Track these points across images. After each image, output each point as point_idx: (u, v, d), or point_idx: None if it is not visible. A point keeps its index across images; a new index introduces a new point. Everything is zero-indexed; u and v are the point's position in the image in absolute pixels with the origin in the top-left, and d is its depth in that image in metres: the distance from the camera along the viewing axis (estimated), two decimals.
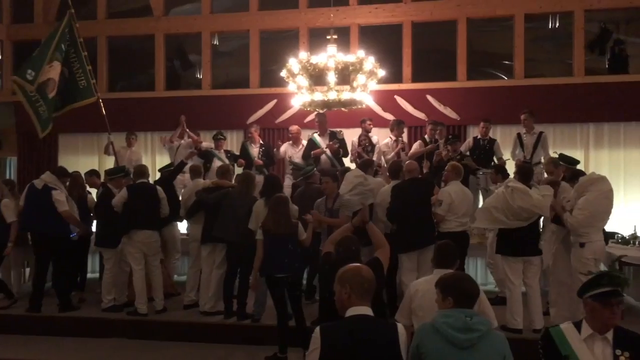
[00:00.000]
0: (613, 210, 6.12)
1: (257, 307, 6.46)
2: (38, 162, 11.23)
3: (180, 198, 7.70)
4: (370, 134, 9.03)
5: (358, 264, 3.13)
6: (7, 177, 11.72)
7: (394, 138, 8.98)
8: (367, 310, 2.81)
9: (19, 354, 6.17)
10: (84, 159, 11.04)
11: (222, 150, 9.26)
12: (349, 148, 9.04)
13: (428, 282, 3.59)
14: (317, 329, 2.83)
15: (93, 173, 8.20)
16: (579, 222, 5.87)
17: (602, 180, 6.05)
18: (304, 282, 6.80)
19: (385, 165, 8.75)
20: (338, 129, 9.07)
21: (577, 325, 3.00)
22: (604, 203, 5.94)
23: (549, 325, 3.20)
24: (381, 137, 9.17)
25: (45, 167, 10.87)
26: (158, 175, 9.97)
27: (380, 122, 9.59)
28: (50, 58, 7.82)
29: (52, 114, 8.02)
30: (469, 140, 9.10)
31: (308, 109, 8.63)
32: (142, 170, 7.20)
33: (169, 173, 7.76)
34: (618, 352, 2.87)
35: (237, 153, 9.46)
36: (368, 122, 9.03)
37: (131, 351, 6.25)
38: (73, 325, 6.80)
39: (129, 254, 6.89)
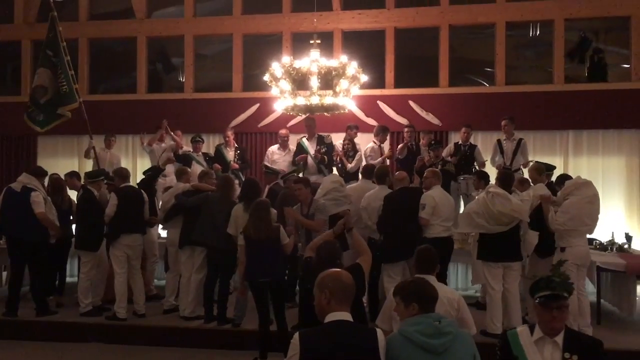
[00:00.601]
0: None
1: (237, 312, 6.41)
2: (17, 164, 11.07)
3: (160, 202, 7.64)
4: (354, 140, 9.06)
5: (338, 269, 3.12)
6: None
7: (377, 143, 9.01)
8: (346, 316, 2.80)
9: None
10: (64, 161, 10.93)
11: (200, 153, 9.22)
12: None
13: None
14: (296, 335, 2.82)
15: (73, 175, 8.09)
16: (560, 224, 5.96)
17: (587, 184, 6.16)
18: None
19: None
20: (326, 134, 9.09)
21: (531, 328, 3.04)
22: (587, 207, 6.03)
23: (508, 329, 3.24)
24: (363, 142, 9.21)
25: (24, 169, 10.75)
26: (140, 178, 9.97)
27: (363, 127, 9.61)
28: (40, 63, 7.88)
29: (52, 121, 8.28)
30: (450, 146, 9.17)
31: (291, 114, 8.65)
32: (125, 174, 7.18)
33: (148, 178, 7.69)
34: (567, 355, 2.89)
35: (212, 155, 9.43)
36: (354, 131, 9.07)
37: (110, 356, 6.18)
38: (50, 329, 6.68)
39: (114, 257, 6.83)
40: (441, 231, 6.42)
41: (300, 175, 8.53)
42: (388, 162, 8.89)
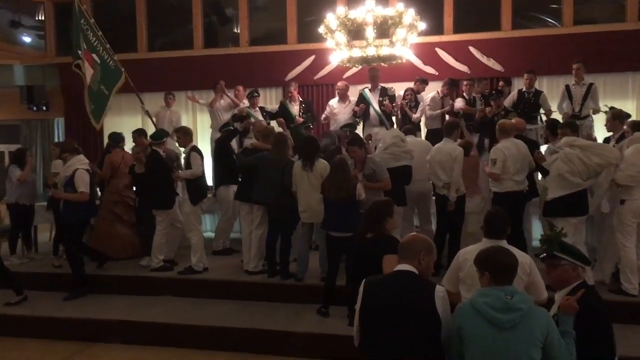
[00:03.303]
0: None
1: (300, 267, 6.55)
2: (84, 122, 11.42)
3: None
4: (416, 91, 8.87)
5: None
6: (56, 138, 12.02)
7: (440, 94, 8.79)
8: (409, 267, 3.03)
9: (68, 312, 6.49)
10: (128, 119, 11.20)
11: (257, 109, 9.21)
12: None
13: (477, 250, 3.53)
14: (363, 282, 3.13)
15: (141, 133, 8.34)
16: (620, 177, 5.75)
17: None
18: None
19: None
20: (390, 86, 8.91)
21: None
22: None
23: None
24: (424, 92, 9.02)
25: (91, 126, 11.12)
26: (202, 135, 10.18)
27: (422, 76, 9.34)
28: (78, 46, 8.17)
29: (104, 106, 8.52)
30: (514, 94, 8.80)
31: (347, 65, 8.51)
32: (190, 132, 7.45)
33: (223, 137, 7.78)
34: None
35: (272, 110, 9.43)
36: (421, 84, 8.86)
37: (180, 307, 6.47)
38: (126, 283, 7.08)
39: (195, 214, 7.12)
40: (512, 185, 6.23)
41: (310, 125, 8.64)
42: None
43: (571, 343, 2.80)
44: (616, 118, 6.47)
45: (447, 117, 8.56)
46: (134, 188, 7.91)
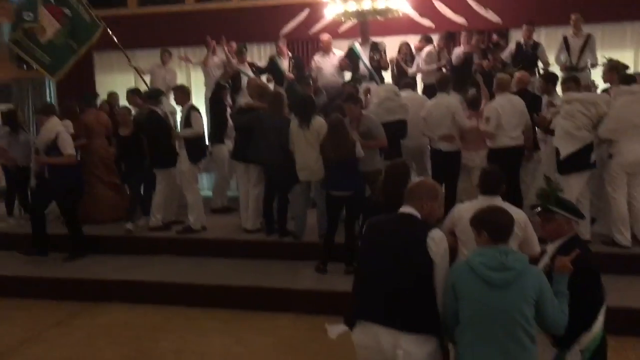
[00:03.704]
0: None
1: (298, 225, 6.59)
2: (75, 81, 11.27)
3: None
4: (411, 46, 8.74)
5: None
6: (48, 97, 11.89)
7: (437, 48, 8.66)
8: (411, 210, 3.07)
9: (68, 273, 6.56)
10: (120, 77, 11.06)
11: (246, 64, 9.06)
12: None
13: (472, 206, 3.57)
14: (367, 222, 3.26)
15: (135, 92, 8.24)
16: (601, 130, 5.75)
17: (632, 89, 5.76)
18: None
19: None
20: (380, 40, 8.77)
21: None
22: (630, 111, 5.66)
23: None
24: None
25: (83, 86, 11.00)
26: (197, 94, 10.07)
27: (418, 29, 9.22)
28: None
29: (68, 60, 8.25)
30: (512, 46, 8.68)
31: (342, 19, 8.36)
32: (188, 91, 7.42)
33: (214, 94, 7.69)
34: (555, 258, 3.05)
35: (262, 65, 9.31)
36: (426, 43, 8.73)
37: (179, 266, 6.54)
38: (125, 243, 7.12)
39: (193, 173, 7.09)
40: (507, 141, 6.21)
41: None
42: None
43: (564, 302, 2.84)
44: (613, 69, 6.42)
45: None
46: (119, 151, 7.64)
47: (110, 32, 8.47)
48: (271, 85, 8.37)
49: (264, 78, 8.78)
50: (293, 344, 5.02)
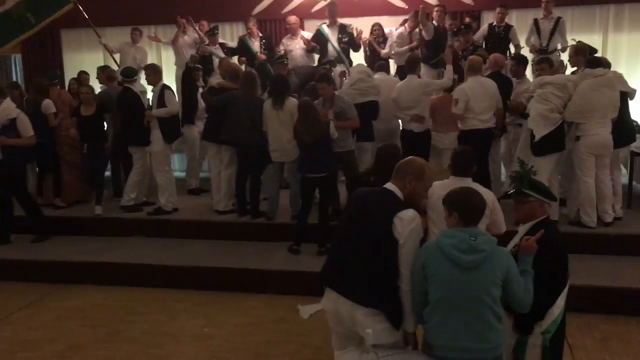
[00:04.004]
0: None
1: (270, 206, 6.59)
2: (42, 59, 11.05)
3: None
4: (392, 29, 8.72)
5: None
6: (13, 76, 11.60)
7: (408, 29, 8.65)
8: (392, 187, 3.12)
9: (39, 254, 6.48)
10: (89, 55, 10.86)
11: (217, 46, 8.93)
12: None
13: (443, 186, 3.61)
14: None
15: (106, 70, 8.10)
16: (567, 113, 5.87)
17: (595, 73, 5.85)
18: None
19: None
20: (349, 23, 8.72)
21: None
22: (595, 95, 5.78)
23: None
24: (393, 26, 8.87)
25: (50, 64, 10.76)
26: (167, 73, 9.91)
27: (392, 10, 9.19)
28: None
29: (19, 34, 8.21)
30: (484, 28, 8.74)
31: None
32: (160, 70, 7.22)
33: (182, 77, 7.57)
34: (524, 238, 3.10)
35: (233, 46, 9.21)
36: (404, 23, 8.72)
37: (150, 248, 6.50)
38: (97, 225, 7.04)
39: (166, 155, 7.03)
40: (477, 123, 6.27)
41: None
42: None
43: (529, 281, 2.92)
44: (579, 53, 6.51)
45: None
46: (80, 132, 7.34)
47: (81, 8, 8.25)
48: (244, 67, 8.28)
49: (235, 59, 8.68)
50: (265, 325, 5.05)
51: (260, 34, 9.13)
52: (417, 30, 8.56)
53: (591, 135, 5.83)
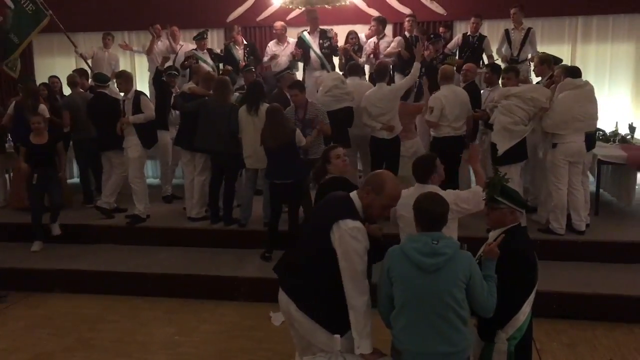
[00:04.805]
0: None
1: (243, 213, 6.57)
2: None
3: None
4: (360, 35, 8.73)
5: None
6: None
7: (366, 38, 8.67)
8: (355, 196, 3.12)
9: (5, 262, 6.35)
10: (60, 60, 10.77)
11: (205, 51, 8.89)
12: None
13: (408, 195, 3.65)
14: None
15: (83, 74, 8.05)
16: (546, 125, 5.96)
17: (575, 83, 5.96)
18: None
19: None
20: (329, 28, 8.76)
21: None
22: (576, 107, 5.86)
23: None
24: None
25: (21, 68, 10.57)
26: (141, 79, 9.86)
27: (365, 19, 9.26)
28: None
29: (12, 54, 8.32)
30: (458, 37, 8.84)
31: (290, 7, 8.33)
32: (130, 77, 7.14)
33: (153, 82, 7.53)
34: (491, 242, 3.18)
35: (219, 52, 9.19)
36: (374, 25, 8.66)
37: (121, 255, 6.42)
38: (65, 231, 6.87)
39: (141, 161, 6.98)
40: (449, 131, 6.33)
41: (297, 72, 8.41)
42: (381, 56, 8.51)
43: (492, 285, 2.96)
44: (544, 62, 6.62)
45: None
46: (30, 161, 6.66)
47: (56, 19, 8.24)
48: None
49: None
50: (236, 332, 5.02)
51: (245, 42, 9.12)
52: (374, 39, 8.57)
53: (568, 142, 5.93)
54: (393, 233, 4.00)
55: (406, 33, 8.65)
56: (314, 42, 8.63)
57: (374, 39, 8.53)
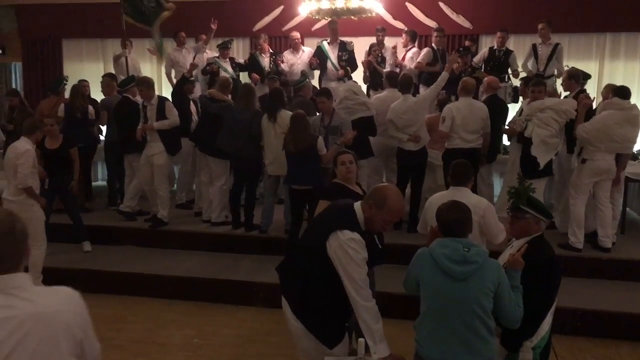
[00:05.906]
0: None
1: (264, 219, 6.58)
2: (43, 68, 11.08)
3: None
4: (382, 45, 8.77)
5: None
6: (13, 83, 11.63)
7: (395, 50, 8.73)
8: (358, 206, 3.09)
9: None
10: (89, 65, 10.92)
11: (227, 60, 8.98)
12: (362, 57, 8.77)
13: (442, 197, 3.66)
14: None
15: (113, 77, 8.14)
16: (578, 131, 5.91)
17: (622, 105, 5.89)
18: None
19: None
20: (349, 40, 8.81)
21: None
22: (615, 128, 5.80)
23: None
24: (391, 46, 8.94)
25: (50, 72, 10.79)
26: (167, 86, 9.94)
27: (391, 31, 9.27)
28: None
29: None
30: (485, 51, 8.81)
31: (316, 17, 8.35)
32: (152, 83, 7.08)
33: (174, 89, 7.57)
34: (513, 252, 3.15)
35: (242, 62, 9.26)
36: (380, 34, 8.74)
37: (143, 257, 6.48)
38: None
39: (164, 166, 6.94)
40: (459, 143, 6.32)
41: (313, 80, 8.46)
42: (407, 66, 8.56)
43: (518, 296, 2.91)
44: (572, 77, 6.61)
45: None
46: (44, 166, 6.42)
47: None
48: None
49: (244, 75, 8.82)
50: (254, 337, 5.02)
51: (271, 50, 9.18)
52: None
53: (597, 160, 5.89)
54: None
55: (434, 45, 8.65)
56: (332, 53, 8.67)
57: (393, 45, 8.64)
